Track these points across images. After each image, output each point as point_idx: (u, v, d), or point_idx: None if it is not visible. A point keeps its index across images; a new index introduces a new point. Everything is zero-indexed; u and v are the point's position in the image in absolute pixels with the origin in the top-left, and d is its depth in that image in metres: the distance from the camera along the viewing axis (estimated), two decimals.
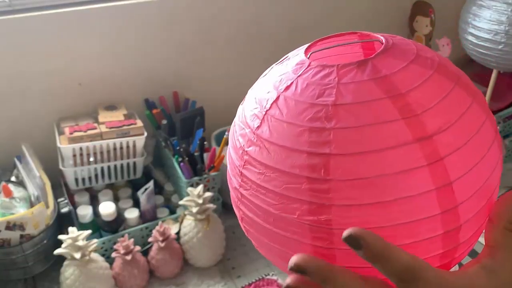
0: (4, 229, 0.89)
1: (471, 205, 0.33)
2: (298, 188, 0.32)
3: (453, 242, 0.33)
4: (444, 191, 0.31)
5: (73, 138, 1.01)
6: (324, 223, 0.32)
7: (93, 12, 1.07)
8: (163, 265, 0.98)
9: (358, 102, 0.31)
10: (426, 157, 0.30)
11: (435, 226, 0.31)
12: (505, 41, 1.03)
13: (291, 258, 0.33)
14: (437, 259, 0.34)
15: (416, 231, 0.31)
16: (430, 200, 0.31)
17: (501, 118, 1.33)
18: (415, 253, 0.31)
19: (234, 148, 0.38)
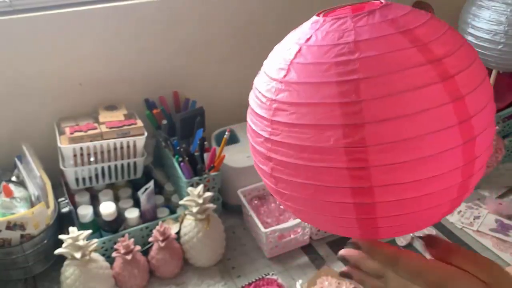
0: (5, 229, 0.89)
1: (481, 118, 0.38)
2: (331, 115, 0.36)
3: (471, 155, 0.38)
4: (459, 104, 0.36)
5: (74, 138, 1.01)
6: (359, 142, 0.36)
7: (93, 13, 1.07)
8: (163, 265, 0.98)
9: (375, 37, 0.37)
10: (439, 75, 0.36)
11: (455, 136, 0.36)
12: (505, 41, 1.03)
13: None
14: (459, 174, 0.38)
15: (440, 141, 0.36)
16: (448, 112, 0.36)
17: (500, 118, 1.33)
18: (440, 165, 0.36)
19: (258, 106, 0.42)
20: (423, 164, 0.36)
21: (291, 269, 1.02)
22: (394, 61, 0.36)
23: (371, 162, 0.36)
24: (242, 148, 1.18)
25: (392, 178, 0.36)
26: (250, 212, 1.06)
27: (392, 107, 0.35)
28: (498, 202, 1.18)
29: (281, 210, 1.13)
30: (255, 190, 1.15)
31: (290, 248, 1.06)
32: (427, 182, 0.37)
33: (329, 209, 0.40)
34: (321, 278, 0.97)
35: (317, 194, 0.39)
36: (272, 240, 1.02)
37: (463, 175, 0.38)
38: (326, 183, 0.38)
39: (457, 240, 1.08)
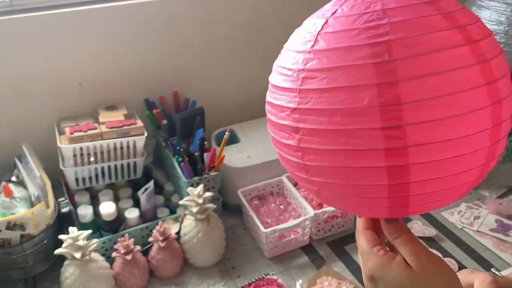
0: (5, 229, 0.89)
1: (505, 83, 0.41)
2: (365, 75, 0.37)
3: (498, 117, 0.40)
4: (485, 66, 0.39)
5: (74, 138, 1.01)
6: (393, 100, 0.37)
7: (93, 13, 1.07)
8: (163, 264, 0.98)
9: (401, 6, 0.39)
10: (465, 39, 0.38)
11: (484, 97, 0.38)
12: (505, 41, 1.03)
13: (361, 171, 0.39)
14: (487, 136, 0.40)
15: (470, 100, 0.38)
16: (476, 73, 0.38)
17: None
18: (471, 124, 0.38)
19: (282, 81, 0.42)
20: (455, 123, 0.38)
21: (291, 269, 1.02)
22: (422, 25, 0.38)
23: (405, 120, 0.37)
24: (242, 148, 1.18)
25: (426, 137, 0.37)
26: (250, 212, 1.06)
27: (424, 65, 0.37)
28: (498, 202, 1.18)
29: (281, 210, 1.13)
30: (255, 190, 1.15)
31: (290, 248, 1.06)
32: (459, 142, 0.38)
33: (360, 177, 0.40)
34: (321, 278, 0.97)
35: (348, 161, 0.39)
36: (272, 240, 1.02)
37: (491, 138, 0.40)
38: (358, 146, 0.38)
39: (457, 240, 1.08)
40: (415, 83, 0.37)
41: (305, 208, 1.07)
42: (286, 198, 1.17)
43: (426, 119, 0.37)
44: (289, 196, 1.15)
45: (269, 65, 0.55)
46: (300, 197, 1.10)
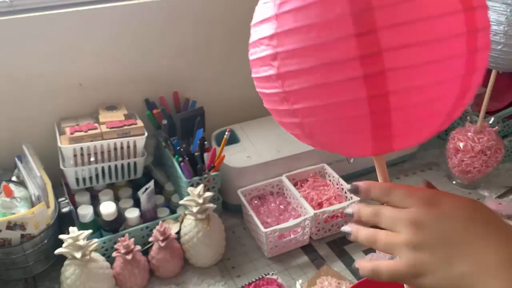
0: (5, 228, 0.89)
1: (482, 14, 0.42)
2: (340, 3, 0.38)
3: (472, 25, 0.41)
4: (469, 15, 0.40)
5: (74, 138, 1.01)
6: (365, 6, 0.38)
7: (94, 13, 1.07)
8: (164, 264, 0.98)
9: None
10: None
11: (461, 45, 0.40)
12: (504, 42, 1.03)
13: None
14: (463, 43, 0.41)
15: (443, 2, 0.39)
16: (459, 21, 0.40)
17: (500, 118, 1.34)
18: (444, 28, 0.39)
19: (260, 13, 0.45)
20: (429, 26, 0.39)
21: (291, 269, 1.02)
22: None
23: (378, 24, 0.38)
24: (242, 148, 1.18)
25: (401, 40, 0.38)
26: (250, 212, 1.07)
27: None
28: (498, 202, 1.18)
29: (281, 210, 1.13)
30: (255, 190, 1.16)
31: (290, 248, 1.06)
32: (434, 45, 0.39)
33: (339, 92, 0.41)
34: (321, 278, 0.97)
35: (327, 76, 0.40)
36: (272, 240, 1.02)
37: (468, 45, 0.41)
38: (334, 58, 0.40)
39: None
40: (392, 7, 0.38)
41: (305, 208, 1.07)
42: (286, 198, 1.17)
43: (399, 21, 0.38)
44: (289, 196, 1.15)
45: None
46: (300, 197, 1.10)
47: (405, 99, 0.41)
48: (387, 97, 0.40)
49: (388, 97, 0.40)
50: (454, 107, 0.44)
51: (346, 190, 0.45)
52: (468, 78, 0.42)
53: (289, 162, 1.17)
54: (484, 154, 1.19)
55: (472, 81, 0.43)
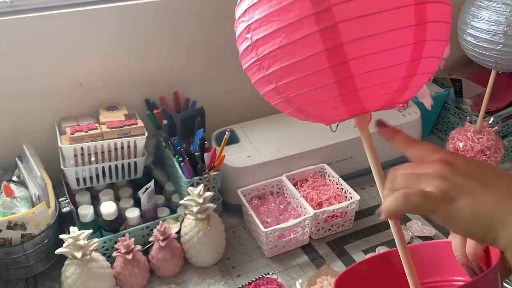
0: (6, 228, 0.90)
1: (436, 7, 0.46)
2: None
3: (421, 36, 0.45)
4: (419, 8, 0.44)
5: (74, 138, 1.01)
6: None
7: (94, 13, 1.07)
8: (164, 264, 0.98)
9: None
10: None
11: (409, 17, 0.44)
12: (504, 42, 1.03)
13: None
14: (408, 51, 0.46)
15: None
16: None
17: (499, 118, 1.34)
18: (392, 40, 0.45)
19: (238, 10, 0.54)
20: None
21: (290, 269, 1.02)
22: None
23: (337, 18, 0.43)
24: (242, 148, 1.18)
25: (360, 33, 0.44)
26: (250, 212, 1.07)
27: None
28: None
29: (281, 210, 1.13)
30: (255, 190, 1.16)
31: (289, 248, 1.06)
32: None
33: (300, 49, 0.46)
34: (321, 277, 0.98)
35: (288, 36, 0.46)
36: (272, 239, 1.02)
37: (415, 36, 0.45)
38: (293, 18, 0.45)
39: None
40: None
41: (305, 208, 1.07)
42: (286, 198, 1.17)
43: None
44: (289, 196, 1.16)
45: None
46: (300, 196, 1.10)
47: (360, 49, 0.45)
48: (343, 47, 0.45)
49: (343, 47, 0.45)
50: (401, 84, 0.48)
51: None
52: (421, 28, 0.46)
53: (289, 162, 1.18)
54: (484, 154, 1.19)
55: (418, 68, 0.48)
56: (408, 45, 0.46)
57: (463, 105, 1.39)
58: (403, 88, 0.50)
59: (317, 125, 0.69)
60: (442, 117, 1.45)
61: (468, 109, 1.37)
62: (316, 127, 1.26)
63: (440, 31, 0.49)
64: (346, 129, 0.70)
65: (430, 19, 0.46)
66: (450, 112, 1.42)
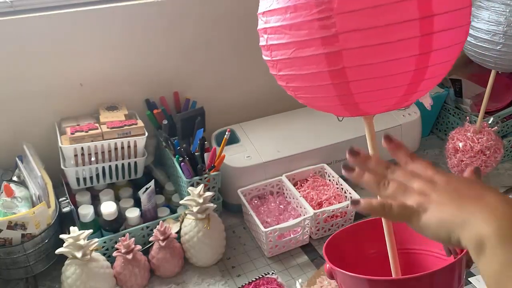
0: (6, 228, 0.90)
1: (444, 19, 0.48)
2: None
3: (428, 10, 0.47)
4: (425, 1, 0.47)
5: (75, 138, 1.01)
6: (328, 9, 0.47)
7: (94, 13, 1.07)
8: (164, 264, 0.98)
9: None
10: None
11: (414, 29, 0.47)
12: (503, 42, 1.03)
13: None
14: (413, 61, 0.49)
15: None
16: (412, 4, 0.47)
17: (499, 118, 1.34)
18: (395, 51, 0.48)
19: (261, 4, 0.57)
20: (378, 12, 0.47)
21: (290, 268, 1.02)
22: None
23: (335, 10, 0.47)
24: (242, 148, 1.18)
25: (355, 24, 0.47)
26: (250, 212, 1.07)
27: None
28: None
29: (281, 210, 1.13)
30: (255, 190, 1.16)
31: (289, 248, 1.06)
32: (384, 31, 0.47)
33: (307, 65, 0.51)
34: (321, 277, 0.98)
35: (297, 50, 0.51)
36: (272, 239, 1.02)
37: (421, 29, 0.48)
38: (303, 37, 0.49)
39: None
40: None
41: (305, 208, 1.08)
42: (286, 198, 1.17)
43: (354, 8, 0.47)
44: (289, 196, 1.16)
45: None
46: (299, 196, 1.10)
47: (360, 74, 0.49)
48: (344, 71, 0.49)
49: (345, 71, 0.49)
50: (413, 81, 0.51)
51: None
52: (424, 57, 0.49)
53: (289, 162, 1.18)
54: (484, 154, 1.19)
55: (430, 59, 0.50)
56: (409, 72, 0.50)
57: (463, 105, 1.39)
58: (402, 101, 0.56)
59: (317, 125, 0.70)
60: (442, 117, 1.46)
61: (468, 109, 1.37)
62: (316, 127, 1.26)
63: (441, 55, 0.52)
64: (346, 129, 0.71)
65: (435, 47, 0.49)
66: (450, 112, 1.42)
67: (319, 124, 1.26)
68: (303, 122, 1.28)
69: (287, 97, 1.25)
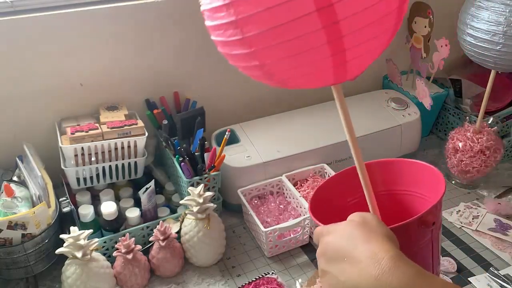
0: (6, 228, 0.90)
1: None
2: None
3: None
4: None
5: (75, 138, 1.02)
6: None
7: (94, 13, 1.07)
8: (164, 264, 0.99)
9: None
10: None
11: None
12: (503, 42, 1.03)
13: None
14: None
15: None
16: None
17: (499, 118, 1.34)
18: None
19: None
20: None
21: (290, 268, 1.02)
22: None
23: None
24: (242, 148, 1.18)
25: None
26: (250, 212, 1.07)
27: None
28: (497, 202, 1.19)
29: (281, 210, 1.13)
30: (255, 190, 1.16)
31: (289, 247, 1.07)
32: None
33: (298, 28, 0.47)
34: None
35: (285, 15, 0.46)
36: (271, 239, 1.03)
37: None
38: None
39: (456, 239, 1.09)
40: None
41: (305, 208, 1.08)
42: (286, 198, 1.17)
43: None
44: (289, 196, 1.16)
45: None
46: (299, 196, 1.10)
47: (353, 25, 0.47)
48: (338, 25, 0.47)
49: (339, 25, 0.47)
50: (394, 31, 0.52)
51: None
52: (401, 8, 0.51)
53: (289, 162, 1.18)
54: (483, 154, 1.19)
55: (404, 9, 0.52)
56: (392, 23, 0.52)
57: (463, 105, 1.39)
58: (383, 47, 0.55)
59: (317, 125, 0.69)
60: (441, 117, 1.46)
61: (468, 109, 1.38)
62: (316, 127, 1.26)
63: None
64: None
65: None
66: (450, 112, 1.42)
67: (319, 124, 1.26)
68: (303, 122, 1.28)
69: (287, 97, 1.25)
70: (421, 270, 0.49)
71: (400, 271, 0.47)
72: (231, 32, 0.50)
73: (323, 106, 1.34)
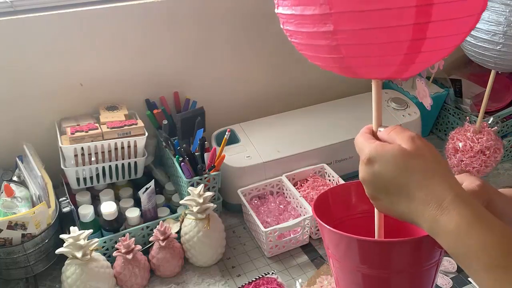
0: (6, 228, 0.90)
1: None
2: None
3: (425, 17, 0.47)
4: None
5: (75, 138, 1.02)
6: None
7: (94, 13, 1.07)
8: (164, 264, 0.99)
9: None
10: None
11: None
12: (503, 42, 1.03)
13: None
14: (409, 31, 0.48)
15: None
16: None
17: (499, 118, 1.34)
18: (389, 18, 0.47)
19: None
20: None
21: (290, 268, 1.02)
22: None
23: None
24: (242, 148, 1.18)
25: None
26: (250, 212, 1.07)
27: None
28: None
29: (281, 210, 1.13)
30: (255, 190, 1.16)
31: (289, 248, 1.07)
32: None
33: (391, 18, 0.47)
34: (321, 277, 0.98)
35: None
36: (272, 239, 1.03)
37: (417, 17, 0.48)
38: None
39: None
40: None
41: (305, 208, 1.08)
42: (286, 198, 1.17)
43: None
44: (289, 196, 1.16)
45: (269, 65, 0.55)
46: (299, 196, 1.10)
47: (439, 30, 0.48)
48: (428, 26, 0.48)
49: (427, 26, 0.48)
50: (409, 51, 0.51)
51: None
52: (421, 26, 0.50)
53: (289, 162, 1.18)
54: (483, 154, 1.19)
55: (428, 31, 0.50)
56: (404, 41, 0.50)
57: (463, 105, 1.39)
58: (401, 71, 0.54)
59: (317, 125, 0.69)
60: (441, 117, 1.46)
61: (468, 109, 1.37)
62: (316, 127, 1.26)
63: (442, 27, 0.51)
64: (346, 129, 0.70)
65: (434, 18, 0.49)
66: (450, 112, 1.42)
67: (319, 124, 1.26)
68: (303, 122, 1.28)
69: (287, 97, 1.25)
70: (481, 213, 0.48)
71: (458, 214, 0.47)
72: (321, 24, 0.51)
73: (323, 106, 1.34)
